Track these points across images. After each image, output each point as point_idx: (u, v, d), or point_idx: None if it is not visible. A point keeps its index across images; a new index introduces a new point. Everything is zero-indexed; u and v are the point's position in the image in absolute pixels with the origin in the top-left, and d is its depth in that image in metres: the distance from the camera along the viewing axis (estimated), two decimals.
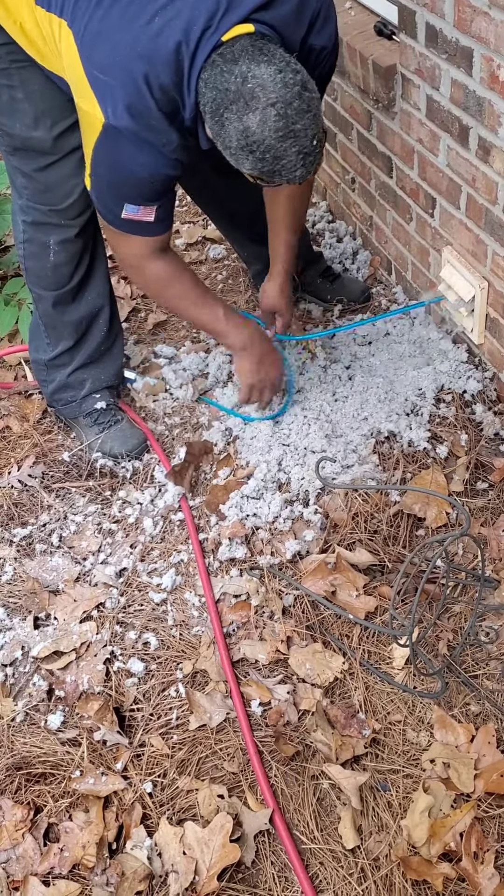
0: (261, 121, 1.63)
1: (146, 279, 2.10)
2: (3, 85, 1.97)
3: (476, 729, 1.72)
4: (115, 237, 2.01)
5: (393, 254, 2.75)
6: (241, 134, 1.65)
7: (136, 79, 1.68)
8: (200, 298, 2.16)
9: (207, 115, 1.70)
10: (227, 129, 1.66)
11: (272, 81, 1.62)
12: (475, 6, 1.88)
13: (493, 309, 2.21)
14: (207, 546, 2.13)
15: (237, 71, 1.63)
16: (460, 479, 2.15)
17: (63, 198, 2.12)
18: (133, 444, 2.36)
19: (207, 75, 1.67)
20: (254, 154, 1.67)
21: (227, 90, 1.64)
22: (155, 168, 1.82)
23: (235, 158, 1.72)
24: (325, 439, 2.24)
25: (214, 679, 1.87)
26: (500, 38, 1.83)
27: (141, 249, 2.00)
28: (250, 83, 1.62)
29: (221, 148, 1.73)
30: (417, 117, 2.29)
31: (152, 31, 1.66)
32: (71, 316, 2.32)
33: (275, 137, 1.64)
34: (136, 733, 1.82)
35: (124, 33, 1.68)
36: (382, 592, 1.99)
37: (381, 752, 1.74)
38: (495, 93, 1.91)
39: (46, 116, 2.00)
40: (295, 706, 1.81)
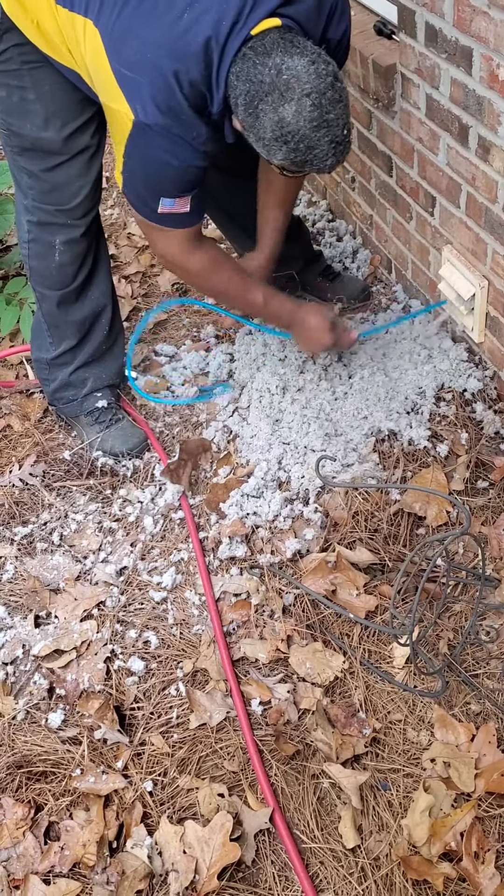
0: (296, 111, 1.67)
1: (190, 271, 2.12)
2: (15, 86, 1.97)
3: (477, 728, 1.72)
4: (155, 233, 2.03)
5: (393, 252, 2.75)
6: (277, 125, 1.69)
7: (166, 75, 1.70)
8: (243, 283, 2.20)
9: (240, 108, 1.73)
10: (262, 120, 1.70)
11: (306, 72, 1.67)
12: (475, 6, 1.88)
13: (493, 307, 2.21)
14: (208, 544, 2.13)
15: (271, 63, 1.67)
16: (461, 477, 2.15)
17: (70, 198, 2.13)
18: (134, 442, 2.37)
19: (239, 68, 1.70)
20: (288, 144, 1.71)
21: (261, 82, 1.67)
22: (186, 160, 1.84)
23: (268, 149, 1.75)
24: (326, 438, 2.24)
25: (215, 678, 1.87)
26: (499, 38, 1.83)
27: (181, 242, 2.02)
28: (285, 74, 1.67)
29: (254, 139, 1.76)
30: (417, 116, 2.29)
31: (181, 28, 1.68)
32: (74, 315, 2.33)
33: (309, 127, 1.69)
34: (136, 732, 1.82)
35: (153, 30, 1.69)
36: (383, 591, 1.99)
37: (382, 751, 1.74)
38: (495, 92, 1.90)
39: (57, 117, 2.01)
40: (295, 705, 1.81)
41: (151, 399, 2.48)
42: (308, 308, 2.28)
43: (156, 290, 3.02)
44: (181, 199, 1.91)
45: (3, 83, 1.97)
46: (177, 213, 1.93)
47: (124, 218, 3.43)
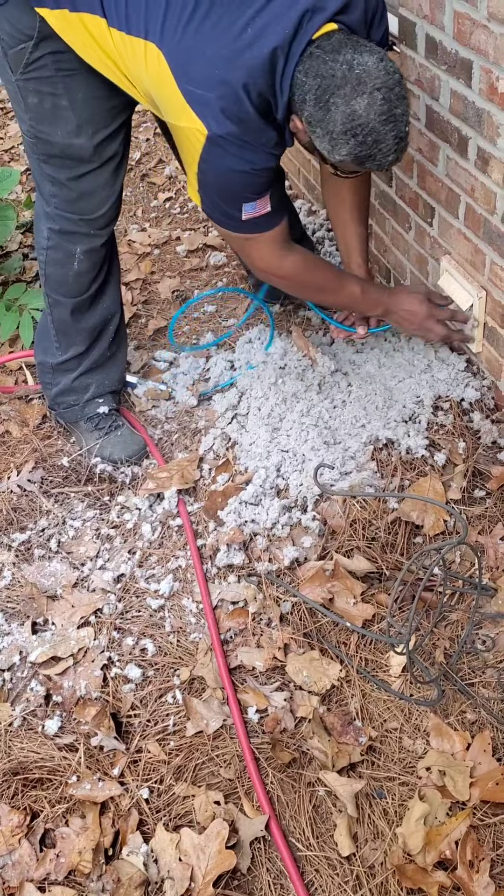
0: (368, 104, 1.74)
1: (287, 274, 2.15)
2: (48, 93, 1.99)
3: (472, 737, 1.72)
4: (246, 244, 2.07)
5: (392, 262, 2.76)
6: (348, 117, 1.74)
7: (236, 89, 1.76)
8: (339, 278, 2.24)
9: (309, 104, 1.78)
10: (333, 113, 1.75)
11: (376, 68, 1.75)
12: (474, 19, 1.89)
13: (491, 318, 2.22)
14: (205, 552, 2.14)
15: (341, 59, 1.75)
16: (458, 486, 2.15)
17: (96, 207, 2.15)
18: (133, 449, 2.37)
19: (307, 66, 1.76)
20: (356, 137, 1.77)
21: (332, 76, 1.74)
22: (259, 163, 1.90)
23: (334, 144, 1.80)
24: (324, 446, 2.24)
25: (212, 686, 1.88)
26: (499, 51, 1.84)
27: (272, 246, 2.06)
28: (357, 69, 1.74)
29: (320, 134, 1.80)
30: (417, 127, 2.30)
31: (245, 42, 1.75)
32: (86, 323, 2.34)
33: (378, 121, 1.76)
34: (133, 739, 1.82)
35: (218, 47, 1.75)
36: (380, 600, 1.99)
37: (378, 759, 1.74)
38: (494, 104, 1.92)
39: (89, 124, 2.03)
40: (292, 713, 1.81)
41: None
42: (400, 291, 2.33)
43: (156, 296, 3.03)
44: (261, 199, 1.95)
45: (36, 90, 1.99)
46: (260, 216, 1.97)
47: (124, 225, 3.44)
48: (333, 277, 2.23)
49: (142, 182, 3.77)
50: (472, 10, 1.90)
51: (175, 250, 3.25)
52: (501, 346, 2.22)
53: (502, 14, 1.79)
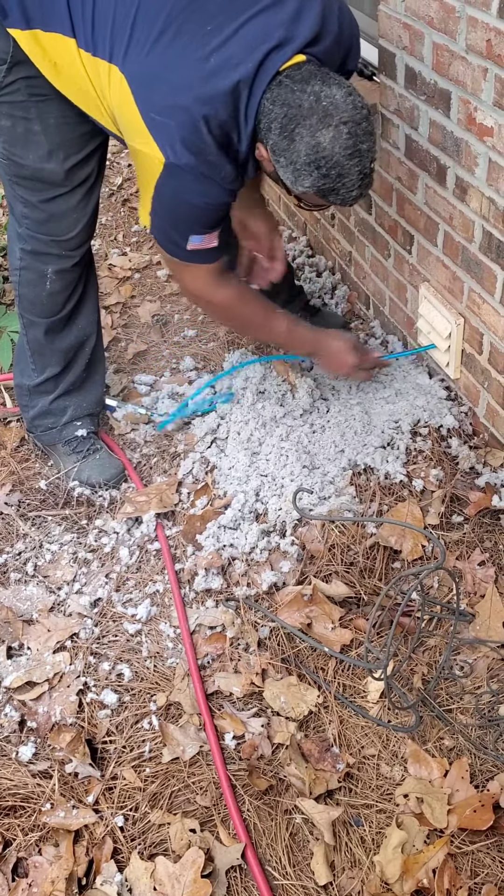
0: (333, 137, 1.73)
1: (218, 304, 2.16)
2: (20, 117, 2.00)
3: (450, 763, 1.71)
4: (183, 270, 2.08)
5: (371, 289, 2.79)
6: (313, 149, 1.73)
7: (196, 119, 1.74)
8: (267, 314, 2.25)
9: (274, 132, 1.77)
10: (297, 144, 1.74)
11: (343, 102, 1.74)
12: (453, 51, 1.93)
13: (469, 345, 2.24)
14: (183, 576, 2.12)
15: (309, 90, 1.74)
16: (436, 512, 2.16)
17: (67, 229, 2.15)
18: (111, 473, 2.36)
19: (275, 94, 1.75)
20: (320, 170, 1.76)
21: (300, 106, 1.73)
22: (214, 198, 1.90)
23: (297, 175, 1.79)
24: (303, 470, 2.25)
25: (188, 711, 1.86)
26: (476, 82, 1.88)
27: (208, 277, 2.06)
28: (324, 101, 1.73)
29: (283, 164, 1.80)
30: (396, 156, 2.33)
31: (208, 71, 1.73)
32: (61, 343, 2.33)
33: (343, 154, 1.74)
34: (108, 766, 1.79)
35: (182, 75, 1.74)
36: (358, 625, 1.99)
37: (355, 786, 1.73)
38: (472, 134, 1.95)
39: (60, 149, 2.04)
40: (269, 739, 1.80)
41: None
42: (329, 333, 2.35)
43: (136, 320, 3.04)
44: (209, 234, 1.95)
45: (8, 114, 2.00)
46: (205, 249, 1.97)
47: (105, 249, 3.45)
48: (263, 313, 2.23)
49: (123, 207, 3.79)
50: (450, 42, 1.94)
51: (156, 275, 3.26)
52: (479, 372, 2.24)
53: (480, 46, 1.83)
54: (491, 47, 1.79)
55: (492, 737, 1.74)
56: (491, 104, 1.85)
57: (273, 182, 2.00)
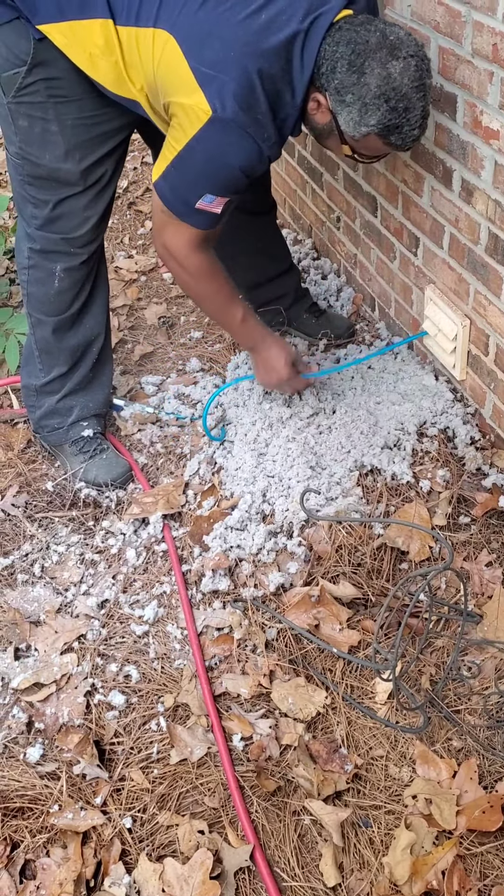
0: (403, 68, 1.79)
1: (187, 268, 2.13)
2: (38, 118, 2.02)
3: (458, 764, 1.71)
4: (169, 225, 2.05)
5: (377, 291, 2.79)
6: (384, 80, 1.79)
7: (250, 73, 1.79)
8: (229, 297, 2.23)
9: (340, 71, 1.81)
10: (367, 77, 1.79)
11: (408, 38, 1.83)
12: (459, 55, 1.94)
13: (475, 346, 2.24)
14: (190, 577, 2.12)
15: (373, 28, 1.81)
16: (443, 513, 2.16)
17: (76, 227, 2.17)
18: (118, 472, 2.37)
19: (337, 38, 1.82)
20: (388, 102, 1.80)
21: (366, 42, 1.79)
22: (252, 160, 1.92)
23: (364, 110, 1.83)
24: (310, 471, 2.25)
25: (196, 713, 1.86)
26: (482, 86, 1.88)
27: (192, 239, 2.05)
28: (390, 37, 1.81)
29: (350, 102, 1.83)
30: (402, 159, 2.34)
31: (260, 25, 1.79)
32: (69, 342, 2.34)
33: (411, 87, 1.81)
34: (116, 767, 1.80)
35: (233, 31, 1.79)
36: (366, 626, 1.99)
37: (363, 787, 1.73)
38: (478, 137, 1.96)
39: (77, 150, 2.06)
40: (277, 741, 1.80)
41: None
42: (276, 339, 2.31)
43: (142, 322, 3.04)
44: (221, 199, 1.96)
45: (26, 114, 2.01)
46: (208, 212, 1.98)
47: (111, 252, 3.46)
48: (225, 295, 2.21)
49: (129, 210, 3.80)
50: (456, 46, 1.94)
51: (162, 277, 3.27)
52: (484, 374, 2.24)
53: (486, 50, 1.83)
54: (497, 51, 1.79)
55: (500, 737, 1.74)
56: (497, 107, 1.85)
57: (321, 139, 2.01)
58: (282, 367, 2.28)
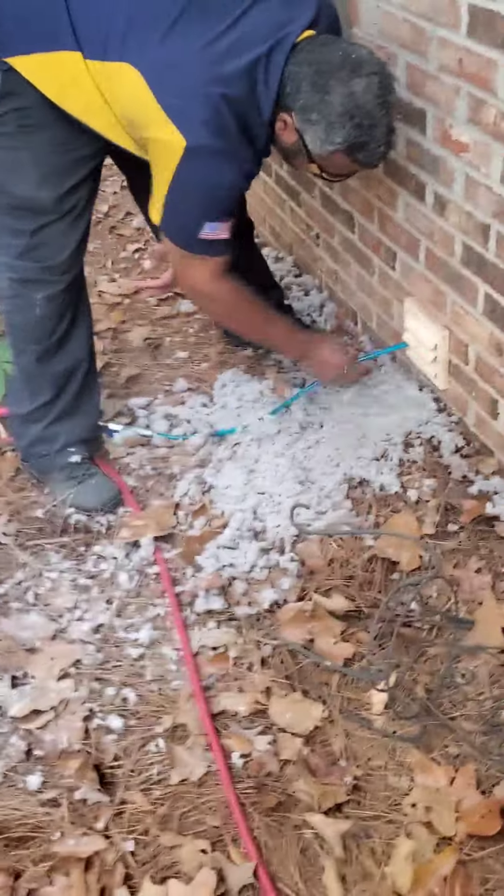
0: (366, 86, 1.84)
1: (220, 300, 2.20)
2: (9, 148, 2.03)
3: (455, 771, 1.72)
4: (188, 264, 2.10)
5: (358, 305, 2.82)
6: (347, 98, 1.83)
7: (216, 99, 1.82)
8: (265, 314, 2.30)
9: (304, 91, 1.85)
10: (331, 96, 1.84)
11: (370, 56, 1.89)
12: (426, 70, 1.98)
13: (455, 356, 2.27)
14: (184, 598, 2.13)
15: (335, 48, 1.87)
16: (431, 521, 2.18)
17: (55, 254, 2.18)
18: (107, 497, 2.38)
19: (300, 58, 1.86)
20: (353, 120, 1.85)
21: (329, 62, 1.84)
22: (234, 180, 1.97)
23: (330, 129, 1.87)
24: (300, 486, 2.27)
25: (194, 732, 1.86)
26: (450, 100, 1.92)
27: (214, 271, 2.10)
28: (353, 55, 1.86)
29: (315, 121, 1.87)
30: (376, 175, 2.37)
31: (221, 52, 1.82)
32: (52, 369, 2.35)
33: (374, 104, 1.86)
34: (116, 790, 1.80)
35: (196, 59, 1.83)
36: (360, 638, 2.00)
37: (363, 798, 1.73)
38: (448, 151, 1.99)
39: (51, 178, 2.08)
40: (276, 756, 1.80)
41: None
42: (321, 337, 2.42)
43: (127, 345, 3.06)
44: (223, 223, 2.00)
45: None
46: (215, 240, 2.02)
47: (94, 276, 3.48)
48: (260, 313, 2.28)
49: (110, 234, 3.83)
50: (423, 62, 1.98)
51: (145, 299, 3.29)
52: (466, 382, 2.27)
53: (452, 66, 1.87)
54: (462, 66, 1.83)
55: (496, 742, 1.75)
56: (465, 121, 1.89)
57: (290, 159, 2.05)
58: (338, 359, 2.37)
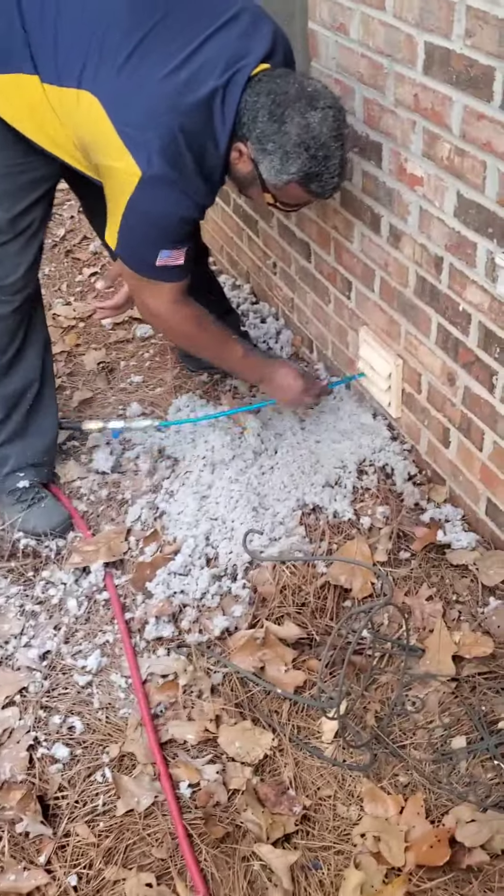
0: (322, 118, 1.86)
1: (180, 324, 2.19)
2: None
3: (405, 800, 1.71)
4: (148, 290, 2.10)
5: (314, 333, 2.85)
6: (304, 129, 1.84)
7: (174, 130, 1.83)
8: (224, 338, 2.30)
9: (261, 120, 1.87)
10: (288, 126, 1.85)
11: (325, 90, 1.91)
12: (383, 105, 2.02)
13: (409, 384, 2.30)
14: (134, 625, 2.10)
15: (292, 80, 1.89)
16: (384, 548, 2.19)
17: (8, 274, 2.17)
18: (57, 521, 2.34)
19: (258, 89, 1.87)
20: (308, 151, 1.86)
21: (286, 93, 1.86)
22: (188, 211, 1.97)
23: (286, 158, 1.88)
24: (253, 512, 2.26)
25: (142, 762, 1.83)
26: (405, 134, 1.96)
27: (172, 296, 2.10)
28: (308, 88, 1.89)
29: (271, 150, 1.89)
30: (333, 206, 2.40)
31: (180, 83, 1.83)
32: (4, 390, 2.32)
33: (329, 136, 1.87)
34: (60, 822, 1.75)
35: (154, 90, 1.83)
36: (311, 666, 1.99)
37: (312, 828, 1.71)
38: (403, 184, 2.03)
39: (4, 199, 2.07)
40: (224, 786, 1.78)
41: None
42: (278, 362, 2.41)
43: (81, 368, 3.04)
44: (178, 250, 2.01)
45: None
46: (173, 266, 2.02)
47: (49, 299, 3.46)
48: (220, 337, 2.29)
49: (66, 258, 3.82)
50: (380, 97, 2.02)
51: (100, 323, 3.28)
52: (419, 411, 2.29)
53: (408, 101, 1.91)
54: (418, 101, 1.87)
55: (445, 771, 1.75)
56: (420, 155, 1.93)
57: (244, 189, 2.06)
58: (295, 381, 2.37)
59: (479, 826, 1.63)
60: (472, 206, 1.80)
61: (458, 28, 1.67)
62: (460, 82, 1.71)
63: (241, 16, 1.91)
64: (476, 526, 2.22)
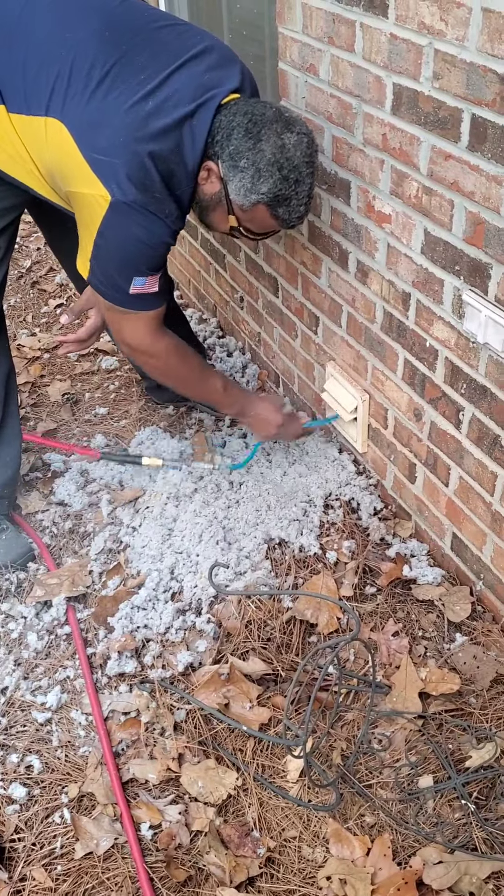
0: (297, 142, 1.89)
1: (157, 355, 2.17)
2: None
3: (372, 841, 1.68)
4: (124, 320, 2.08)
5: (280, 367, 2.85)
6: (279, 149, 1.86)
7: (142, 156, 1.83)
8: (204, 370, 2.30)
9: (235, 138, 1.88)
10: (264, 143, 1.87)
11: (299, 118, 1.94)
12: (351, 144, 2.05)
13: (375, 419, 2.31)
14: (95, 661, 2.06)
15: (268, 105, 1.91)
16: (350, 583, 2.17)
17: None
18: (17, 553, 2.29)
19: (233, 110, 1.89)
20: (281, 171, 1.88)
21: (263, 114, 1.88)
22: (160, 236, 1.96)
23: (258, 176, 1.89)
24: (218, 546, 2.24)
25: (102, 802, 1.78)
26: (374, 173, 1.99)
27: (148, 326, 2.09)
28: (285, 113, 1.92)
29: (244, 167, 1.89)
30: (301, 241, 2.43)
31: (148, 111, 1.84)
32: None
33: (302, 160, 1.90)
34: (16, 866, 1.69)
35: (123, 117, 1.83)
36: (276, 702, 1.96)
37: (277, 871, 1.67)
38: (371, 221, 2.05)
39: None
40: (187, 827, 1.73)
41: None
42: (259, 396, 2.42)
43: (45, 399, 3.01)
44: (152, 277, 2.00)
45: None
46: (147, 294, 2.01)
47: (14, 330, 3.44)
48: (199, 369, 2.29)
49: (32, 289, 3.80)
50: (349, 136, 2.05)
51: (66, 355, 3.26)
52: (384, 446, 2.30)
53: (376, 140, 1.94)
54: (386, 140, 1.90)
55: (412, 811, 1.72)
56: (388, 193, 1.96)
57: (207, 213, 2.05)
58: (275, 415, 2.38)
59: (447, 868, 1.60)
60: (440, 243, 1.82)
61: (426, 70, 1.71)
62: (428, 123, 1.75)
63: (208, 52, 1.94)
64: (441, 561, 2.22)
